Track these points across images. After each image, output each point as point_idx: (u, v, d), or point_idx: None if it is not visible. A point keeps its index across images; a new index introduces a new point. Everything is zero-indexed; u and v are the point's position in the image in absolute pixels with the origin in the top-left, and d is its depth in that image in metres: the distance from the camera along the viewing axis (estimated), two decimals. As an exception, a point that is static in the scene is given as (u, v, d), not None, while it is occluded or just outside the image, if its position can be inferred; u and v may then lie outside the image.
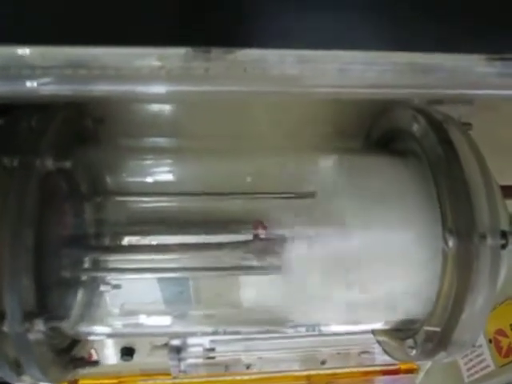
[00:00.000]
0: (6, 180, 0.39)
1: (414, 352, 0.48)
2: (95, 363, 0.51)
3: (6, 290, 0.37)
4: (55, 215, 0.45)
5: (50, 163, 0.40)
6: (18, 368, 0.40)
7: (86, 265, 0.49)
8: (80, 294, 0.49)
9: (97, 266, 0.49)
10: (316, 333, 0.88)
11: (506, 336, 0.81)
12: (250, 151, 0.55)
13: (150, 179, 0.54)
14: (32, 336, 0.39)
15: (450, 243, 0.42)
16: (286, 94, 0.37)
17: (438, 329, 0.45)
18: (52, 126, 0.43)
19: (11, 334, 0.38)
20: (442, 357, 0.47)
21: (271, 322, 0.55)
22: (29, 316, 0.38)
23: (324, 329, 0.57)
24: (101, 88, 0.37)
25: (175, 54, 0.30)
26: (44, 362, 0.41)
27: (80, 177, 0.49)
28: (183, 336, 0.82)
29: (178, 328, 0.58)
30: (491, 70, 0.35)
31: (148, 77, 0.33)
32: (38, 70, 0.36)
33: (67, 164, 0.42)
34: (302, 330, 0.59)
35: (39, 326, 0.39)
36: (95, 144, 0.54)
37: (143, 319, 0.53)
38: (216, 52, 0.29)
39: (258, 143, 0.57)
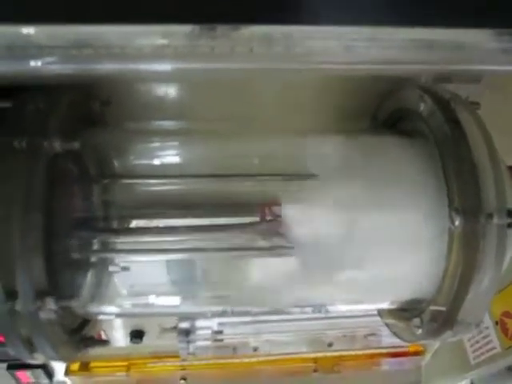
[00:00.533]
0: (15, 161, 0.39)
1: (419, 331, 0.48)
2: (105, 342, 0.52)
3: (18, 269, 0.38)
4: (64, 196, 0.46)
5: (57, 144, 0.41)
6: (30, 346, 0.41)
7: (95, 246, 0.49)
8: (90, 275, 0.50)
9: (105, 247, 0.50)
10: (323, 315, 0.89)
11: (512, 318, 0.81)
12: (257, 133, 0.55)
13: (157, 162, 0.54)
14: (44, 315, 0.40)
15: (457, 222, 0.42)
16: (292, 71, 0.37)
17: (443, 308, 0.45)
18: (59, 108, 0.43)
19: (24, 313, 0.39)
20: (448, 336, 0.47)
21: (279, 302, 0.55)
22: (40, 295, 0.39)
23: (331, 309, 0.57)
24: (105, 67, 0.37)
25: (180, 32, 0.30)
26: (55, 341, 0.42)
27: (88, 159, 0.50)
28: (191, 316, 0.83)
29: (186, 308, 0.59)
30: (499, 45, 0.34)
31: (152, 55, 0.33)
32: (42, 49, 0.36)
33: (75, 145, 0.42)
34: (309, 310, 0.60)
35: (50, 304, 0.39)
36: (102, 127, 0.55)
37: (151, 300, 0.54)
38: (221, 29, 0.29)
39: (264, 125, 0.57)
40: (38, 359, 0.43)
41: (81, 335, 0.49)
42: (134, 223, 0.51)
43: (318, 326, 0.94)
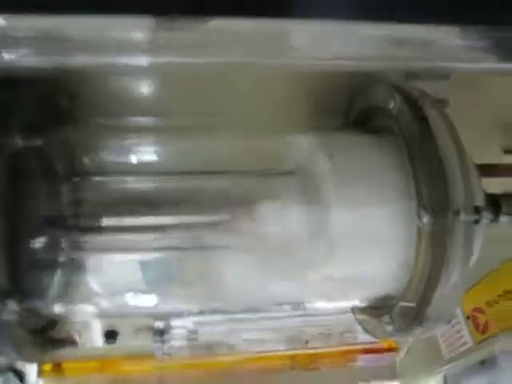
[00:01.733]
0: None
1: (390, 328, 0.48)
2: (74, 343, 0.51)
3: (-22, 270, 0.37)
4: (29, 195, 0.45)
5: (19, 141, 0.40)
6: (-8, 348, 0.40)
7: (64, 245, 0.48)
8: (57, 275, 0.49)
9: (74, 246, 0.49)
10: (300, 312, 0.89)
11: (482, 313, 0.83)
12: (230, 129, 0.55)
13: (128, 159, 0.53)
14: (5, 316, 0.39)
15: (425, 219, 0.42)
16: (261, 66, 0.37)
17: (412, 304, 0.45)
18: (23, 103, 0.42)
19: (-17, 314, 0.38)
20: (419, 332, 0.48)
21: (253, 300, 0.55)
22: (2, 296, 0.38)
23: (308, 306, 0.57)
24: (75, 60, 0.36)
25: (140, 24, 0.30)
26: (18, 342, 0.41)
27: (55, 156, 0.48)
28: (166, 316, 0.82)
29: (161, 308, 0.59)
30: (465, 42, 0.35)
31: (119, 48, 0.33)
32: (13, 40, 0.35)
33: (38, 142, 0.41)
34: (286, 308, 0.60)
35: (13, 305, 0.38)
36: (71, 122, 0.53)
37: (123, 300, 0.53)
38: (185, 22, 0.28)
39: (237, 121, 0.57)
40: (0, 361, 0.42)
41: (47, 336, 0.48)
42: (105, 221, 0.50)
43: (294, 324, 0.94)
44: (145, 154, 0.55)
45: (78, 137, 0.52)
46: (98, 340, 0.87)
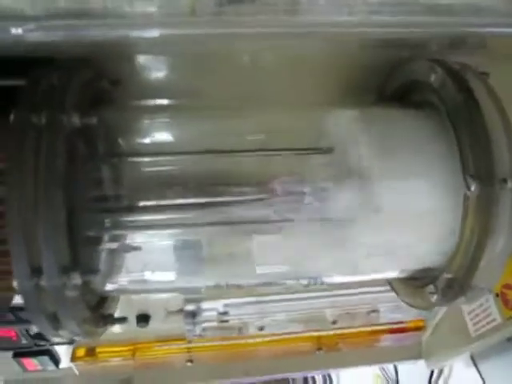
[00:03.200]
0: (34, 137, 0.39)
1: (435, 297, 0.49)
2: (124, 320, 0.52)
3: (43, 245, 0.38)
4: (80, 174, 0.46)
5: (76, 120, 0.41)
6: (55, 322, 0.42)
7: (108, 224, 0.50)
8: (104, 253, 0.50)
9: (116, 225, 0.50)
10: (325, 293, 0.90)
11: (512, 289, 0.83)
12: (266, 108, 0.55)
13: (163, 139, 0.54)
14: (69, 290, 0.40)
15: (473, 188, 0.42)
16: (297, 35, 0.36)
17: (458, 274, 0.46)
18: (74, 85, 0.43)
19: (49, 289, 0.39)
20: (461, 302, 0.48)
21: (292, 275, 0.56)
22: (65, 270, 0.39)
23: (344, 279, 0.58)
24: (92, 33, 0.36)
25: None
26: (80, 317, 0.42)
27: (100, 137, 0.49)
28: (196, 293, 0.83)
29: (191, 284, 0.59)
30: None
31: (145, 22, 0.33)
32: (27, 17, 0.35)
33: (93, 120, 0.42)
34: (326, 281, 0.60)
35: (76, 279, 0.40)
36: (112, 105, 0.54)
37: (158, 276, 0.54)
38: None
39: (272, 100, 0.57)
40: (63, 336, 0.43)
41: (100, 313, 0.49)
42: (143, 202, 0.51)
43: (321, 305, 0.95)
44: (180, 133, 0.55)
45: (117, 119, 0.53)
46: (131, 324, 0.89)
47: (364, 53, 0.54)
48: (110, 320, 0.49)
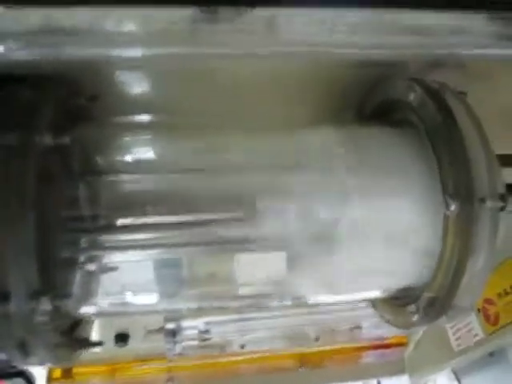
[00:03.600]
0: (5, 158, 0.38)
1: (416, 317, 0.49)
2: (99, 343, 0.50)
3: (11, 269, 0.37)
4: (53, 194, 0.44)
5: (48, 139, 0.39)
6: (24, 349, 0.40)
7: (84, 245, 0.48)
8: (79, 274, 0.49)
9: (93, 245, 0.49)
10: (308, 310, 0.89)
11: (493, 304, 0.83)
12: (244, 127, 0.55)
13: (141, 158, 0.53)
14: (38, 316, 0.38)
15: (452, 207, 0.42)
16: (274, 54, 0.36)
17: (439, 293, 0.46)
18: (47, 103, 0.42)
19: (17, 315, 0.37)
20: (443, 321, 0.48)
21: (272, 295, 0.55)
22: (34, 295, 0.38)
23: (324, 300, 0.57)
24: (74, 52, 0.36)
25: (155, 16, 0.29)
26: (51, 343, 0.41)
27: (75, 155, 0.48)
28: (179, 313, 0.82)
29: (172, 306, 0.58)
30: (491, 29, 0.35)
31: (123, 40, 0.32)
32: (8, 34, 0.34)
33: (66, 140, 0.41)
34: (296, 305, 0.59)
35: (45, 304, 0.38)
36: (89, 122, 0.53)
37: (138, 298, 0.53)
38: (221, 12, 0.28)
39: (252, 117, 0.57)
40: (33, 363, 0.41)
41: (73, 337, 0.47)
42: (121, 221, 0.50)
43: (303, 322, 0.94)
44: (159, 151, 0.54)
45: (94, 136, 0.52)
46: (109, 343, 0.86)
47: (344, 71, 0.54)
48: (85, 344, 0.48)
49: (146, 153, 0.54)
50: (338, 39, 0.35)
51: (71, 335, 0.47)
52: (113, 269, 0.49)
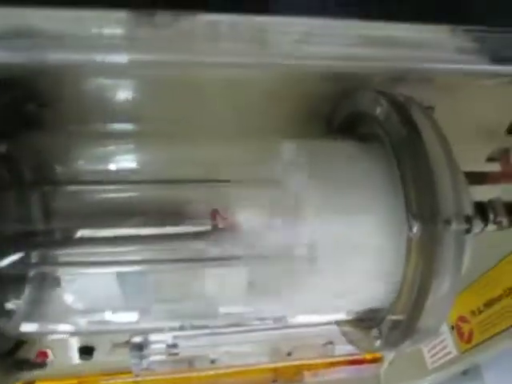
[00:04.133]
0: None
1: (379, 342, 0.47)
2: (43, 365, 0.47)
3: None
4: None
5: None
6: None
7: (34, 260, 0.45)
8: (27, 292, 0.46)
9: (46, 260, 0.46)
10: (280, 325, 0.88)
11: (467, 322, 0.82)
12: (208, 137, 0.53)
13: (103, 166, 0.51)
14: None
15: (415, 228, 0.40)
16: (238, 67, 0.35)
17: (402, 317, 0.44)
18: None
19: None
20: (407, 345, 0.46)
21: (234, 315, 0.53)
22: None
23: (290, 320, 0.55)
24: (43, 57, 0.34)
25: (116, 19, 0.27)
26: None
27: (23, 164, 0.46)
28: (144, 332, 0.79)
29: (139, 324, 0.56)
30: (455, 42, 0.33)
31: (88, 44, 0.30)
32: None
33: (1, 148, 0.38)
34: (269, 322, 0.58)
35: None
36: (42, 129, 0.51)
37: (100, 316, 0.50)
38: (161, 16, 0.26)
39: (214, 128, 0.55)
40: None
41: (14, 359, 0.44)
42: (79, 233, 0.47)
43: (275, 336, 0.93)
44: (121, 161, 0.52)
45: (48, 143, 0.49)
46: (73, 356, 0.83)
47: (311, 82, 0.52)
48: (26, 366, 0.45)
49: (108, 162, 0.51)
50: (289, 50, 0.33)
51: (11, 357, 0.44)
52: (68, 284, 0.46)
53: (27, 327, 0.46)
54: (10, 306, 0.44)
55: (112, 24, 0.28)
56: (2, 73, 0.42)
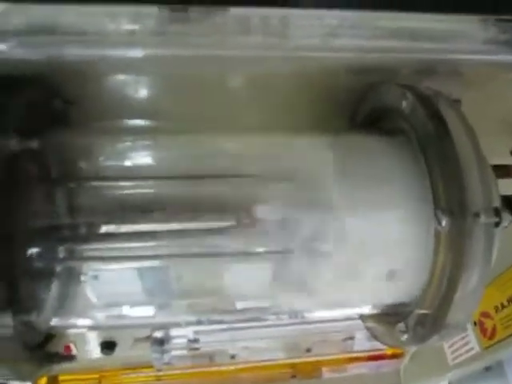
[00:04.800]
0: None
1: (405, 336, 0.46)
2: (71, 358, 0.48)
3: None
4: (24, 200, 0.42)
5: (14, 143, 0.37)
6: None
7: (61, 254, 0.46)
8: (54, 286, 0.46)
9: (72, 255, 0.46)
10: (300, 320, 0.88)
11: (490, 318, 0.81)
12: (231, 132, 0.53)
13: (127, 163, 0.51)
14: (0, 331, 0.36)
15: (443, 222, 0.40)
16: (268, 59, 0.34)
17: (430, 311, 0.44)
18: (17, 105, 0.40)
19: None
20: (435, 341, 0.46)
21: (257, 309, 0.53)
22: (-3, 310, 0.35)
23: (312, 315, 0.55)
24: (65, 52, 0.34)
25: (148, 15, 0.27)
26: (14, 359, 0.38)
27: (50, 160, 0.46)
28: (165, 327, 0.79)
29: (160, 318, 0.56)
30: (485, 33, 0.33)
31: (117, 40, 0.30)
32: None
33: (34, 144, 0.39)
34: (286, 316, 0.58)
35: (7, 320, 0.36)
36: (68, 126, 0.51)
37: (123, 310, 0.50)
38: (194, 12, 0.26)
39: (238, 123, 0.55)
40: (-1, 380, 0.39)
41: (45, 351, 0.45)
42: (103, 229, 0.48)
43: (295, 332, 0.93)
44: (143, 158, 0.52)
45: (74, 141, 0.50)
46: (96, 351, 0.84)
47: (335, 76, 0.52)
48: (56, 359, 0.45)
49: (133, 158, 0.52)
50: (317, 43, 0.33)
51: (42, 350, 0.45)
52: (94, 278, 0.47)
53: (56, 321, 0.47)
54: (39, 299, 0.44)
55: (144, 19, 0.28)
56: (28, 70, 0.43)
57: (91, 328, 0.64)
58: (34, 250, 0.43)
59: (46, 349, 0.46)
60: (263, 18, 0.28)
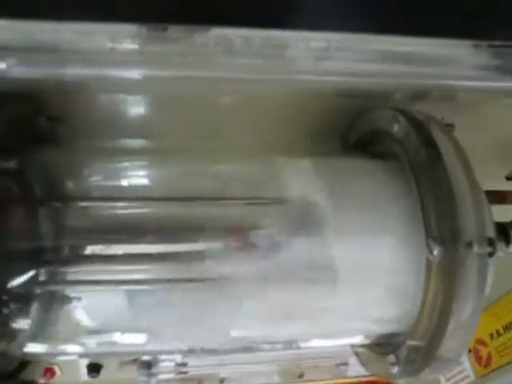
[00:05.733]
0: None
1: (396, 369, 0.45)
2: (47, 386, 0.46)
3: None
4: (4, 221, 0.41)
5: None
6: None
7: (42, 277, 0.44)
8: (33, 311, 0.45)
9: (54, 278, 0.45)
10: (294, 347, 0.85)
11: (485, 345, 0.80)
12: (221, 154, 0.52)
13: (114, 183, 0.50)
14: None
15: (435, 251, 0.39)
16: (253, 82, 0.34)
17: (421, 343, 0.42)
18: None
19: None
20: (426, 374, 0.44)
21: (248, 338, 0.51)
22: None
23: (301, 344, 0.53)
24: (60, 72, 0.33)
25: (126, 33, 0.26)
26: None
27: (33, 180, 0.45)
28: (153, 355, 0.77)
29: (148, 346, 0.54)
30: (477, 60, 0.32)
31: (95, 59, 0.30)
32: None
33: (11, 164, 0.37)
34: (279, 346, 0.56)
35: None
36: (53, 145, 0.50)
37: (107, 337, 0.49)
38: (174, 31, 0.25)
39: (228, 145, 0.54)
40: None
41: (17, 381, 0.43)
42: (88, 250, 0.46)
43: (287, 357, 0.91)
44: (133, 177, 0.51)
45: (59, 159, 0.48)
46: (81, 373, 0.82)
47: (327, 99, 0.51)
48: (31, 388, 0.43)
49: (120, 178, 0.50)
50: (304, 66, 0.32)
51: (16, 378, 0.43)
52: (76, 304, 0.45)
53: (32, 347, 0.45)
54: (14, 325, 0.42)
55: (123, 38, 0.27)
56: (7, 86, 0.41)
57: (72, 355, 0.61)
58: (12, 273, 0.42)
59: (18, 378, 0.44)
60: (246, 38, 0.27)
